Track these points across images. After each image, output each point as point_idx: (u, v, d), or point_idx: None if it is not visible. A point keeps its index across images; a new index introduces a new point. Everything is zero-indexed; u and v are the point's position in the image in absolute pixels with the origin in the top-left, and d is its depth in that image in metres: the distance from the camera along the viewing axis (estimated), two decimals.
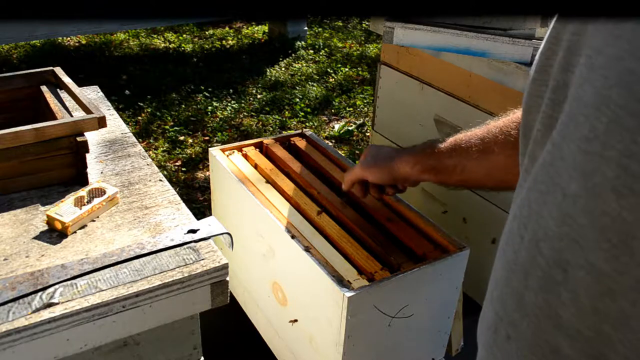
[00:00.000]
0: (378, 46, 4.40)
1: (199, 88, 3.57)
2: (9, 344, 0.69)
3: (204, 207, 2.45)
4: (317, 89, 3.69)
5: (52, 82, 1.18)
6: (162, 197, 0.98)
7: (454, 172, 0.98)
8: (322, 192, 1.27)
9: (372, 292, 1.01)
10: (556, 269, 0.50)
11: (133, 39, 4.39)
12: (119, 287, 0.76)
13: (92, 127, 0.97)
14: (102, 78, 3.53)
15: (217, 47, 4.37)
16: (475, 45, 1.58)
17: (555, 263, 0.50)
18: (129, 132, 1.19)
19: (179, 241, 0.85)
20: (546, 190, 0.51)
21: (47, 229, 0.88)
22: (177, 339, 0.88)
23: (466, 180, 0.98)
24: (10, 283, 0.75)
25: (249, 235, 1.30)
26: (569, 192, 0.48)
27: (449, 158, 0.97)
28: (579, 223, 0.47)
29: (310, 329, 1.14)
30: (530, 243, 0.53)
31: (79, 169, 0.99)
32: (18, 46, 4.11)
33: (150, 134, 3.07)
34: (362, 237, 1.14)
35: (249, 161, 1.40)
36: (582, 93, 0.47)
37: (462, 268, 1.15)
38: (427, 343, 1.22)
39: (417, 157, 1.03)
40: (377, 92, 1.92)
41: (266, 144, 1.46)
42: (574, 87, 0.49)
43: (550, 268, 0.50)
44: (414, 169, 1.03)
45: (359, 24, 5.00)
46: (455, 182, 1.00)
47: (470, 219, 1.67)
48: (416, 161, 1.03)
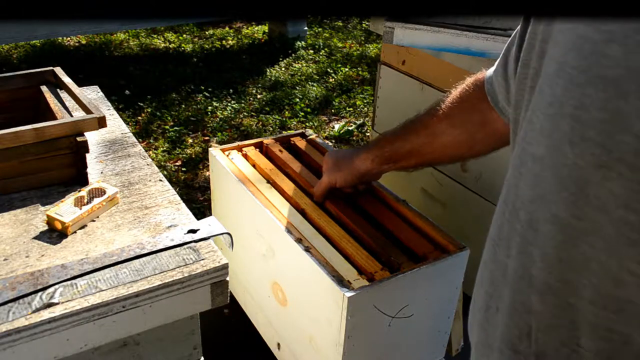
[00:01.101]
0: (378, 46, 4.39)
1: (199, 88, 3.57)
2: (9, 344, 0.69)
3: (204, 207, 2.45)
4: (317, 89, 3.69)
5: (52, 82, 1.17)
6: (162, 197, 0.98)
7: (411, 157, 1.03)
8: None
9: (372, 292, 1.01)
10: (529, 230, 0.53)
11: (133, 39, 4.39)
12: (119, 287, 0.76)
13: (92, 127, 0.97)
14: (102, 78, 3.53)
15: (217, 47, 4.37)
16: (475, 45, 1.58)
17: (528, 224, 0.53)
18: (129, 132, 1.19)
19: (179, 241, 0.85)
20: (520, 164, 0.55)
21: (47, 229, 0.88)
22: (177, 339, 0.88)
23: (424, 161, 1.04)
24: (10, 283, 0.75)
25: (249, 235, 1.30)
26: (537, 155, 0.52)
27: (402, 146, 1.03)
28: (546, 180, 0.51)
29: (310, 329, 1.14)
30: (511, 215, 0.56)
31: (79, 169, 0.99)
32: (18, 46, 4.11)
33: (150, 134, 3.07)
34: (362, 237, 1.14)
35: (248, 161, 1.40)
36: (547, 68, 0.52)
37: (462, 268, 1.15)
38: (427, 343, 1.22)
39: (373, 152, 1.08)
40: (377, 92, 1.92)
41: (266, 144, 1.46)
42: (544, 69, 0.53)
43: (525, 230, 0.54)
44: (373, 164, 1.09)
45: (359, 24, 4.99)
46: (414, 165, 1.05)
47: (470, 219, 1.67)
48: (374, 156, 1.08)
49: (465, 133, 0.93)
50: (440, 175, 1.75)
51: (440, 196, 1.76)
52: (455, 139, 0.95)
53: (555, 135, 0.49)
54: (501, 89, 0.78)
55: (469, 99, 0.90)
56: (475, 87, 0.89)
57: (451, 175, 1.71)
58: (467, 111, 0.91)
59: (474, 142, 0.94)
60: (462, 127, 0.93)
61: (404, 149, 1.03)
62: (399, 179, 1.90)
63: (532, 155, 0.53)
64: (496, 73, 0.79)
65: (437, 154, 1.00)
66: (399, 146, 1.03)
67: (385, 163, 1.08)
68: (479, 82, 0.88)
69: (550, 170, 0.50)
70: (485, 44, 1.58)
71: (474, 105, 0.88)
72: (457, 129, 0.94)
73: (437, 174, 1.76)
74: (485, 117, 0.86)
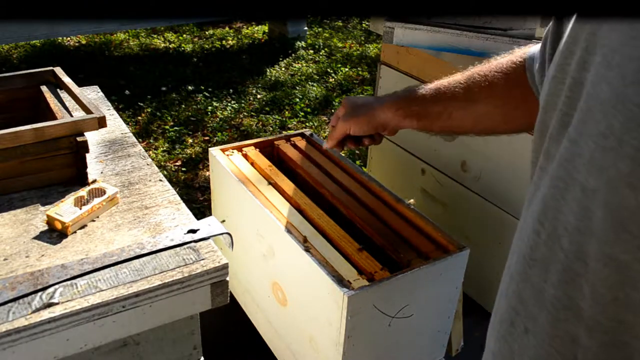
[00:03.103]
0: (378, 46, 4.39)
1: (199, 88, 3.57)
2: (9, 344, 0.69)
3: (204, 207, 2.45)
4: (317, 89, 3.69)
5: (52, 82, 1.17)
6: (162, 197, 0.98)
7: (439, 119, 0.96)
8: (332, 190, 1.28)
9: (372, 292, 1.01)
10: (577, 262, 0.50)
11: (133, 39, 4.39)
12: (119, 287, 0.76)
13: (92, 127, 0.97)
14: (102, 78, 3.53)
15: (217, 47, 4.37)
16: (476, 45, 1.58)
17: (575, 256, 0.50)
18: (129, 132, 1.19)
19: (179, 241, 0.85)
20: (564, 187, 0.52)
21: (47, 229, 0.88)
22: (177, 339, 0.88)
23: (451, 127, 0.97)
24: (10, 283, 0.75)
25: (249, 235, 1.30)
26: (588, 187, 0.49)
27: (434, 104, 0.95)
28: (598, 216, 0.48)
29: (310, 329, 1.14)
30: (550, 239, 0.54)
31: (79, 169, 0.99)
32: (18, 46, 4.11)
33: (150, 134, 3.07)
34: (370, 233, 1.15)
35: (248, 160, 1.40)
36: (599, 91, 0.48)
37: (462, 268, 1.15)
38: (427, 343, 1.22)
39: (399, 103, 1.00)
40: (377, 92, 1.92)
41: (277, 144, 1.47)
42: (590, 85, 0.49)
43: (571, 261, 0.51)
44: (396, 114, 1.00)
45: (359, 24, 4.99)
46: (439, 129, 0.98)
47: (470, 219, 1.67)
48: (399, 106, 0.99)
49: (505, 106, 0.89)
50: (440, 175, 1.75)
51: (440, 196, 1.76)
52: (492, 111, 0.90)
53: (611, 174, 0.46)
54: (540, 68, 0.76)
55: (514, 73, 0.86)
56: (517, 64, 0.86)
57: (451, 175, 1.71)
58: (510, 84, 0.86)
59: (510, 117, 0.90)
60: (503, 99, 0.89)
61: (434, 109, 0.95)
62: (399, 179, 1.90)
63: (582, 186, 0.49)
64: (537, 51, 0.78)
65: (468, 121, 0.94)
66: (429, 104, 0.96)
67: (409, 117, 0.99)
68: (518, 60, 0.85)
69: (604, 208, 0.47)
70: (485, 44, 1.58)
71: (518, 80, 0.84)
72: (498, 99, 0.89)
73: (437, 174, 1.76)
74: (526, 95, 0.82)
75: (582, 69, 0.51)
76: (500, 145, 1.52)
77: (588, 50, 0.50)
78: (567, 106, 0.53)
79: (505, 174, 1.54)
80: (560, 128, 0.54)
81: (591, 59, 0.50)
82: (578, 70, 0.52)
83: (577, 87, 0.52)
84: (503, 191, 1.56)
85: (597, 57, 0.49)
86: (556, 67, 0.56)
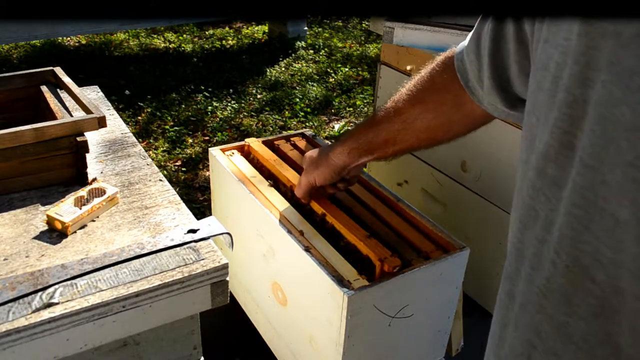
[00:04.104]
0: (378, 46, 4.39)
1: (199, 88, 3.57)
2: (9, 344, 0.69)
3: (204, 207, 2.45)
4: (317, 89, 3.69)
5: (52, 82, 1.17)
6: (162, 197, 0.98)
7: (387, 146, 0.98)
8: None
9: (372, 292, 1.01)
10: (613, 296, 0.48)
11: (133, 39, 4.39)
12: (119, 287, 0.76)
13: (92, 127, 0.97)
14: (102, 78, 3.53)
15: (217, 47, 4.37)
16: None
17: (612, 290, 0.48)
18: (129, 132, 1.19)
19: (179, 241, 0.85)
20: (585, 215, 0.49)
21: (47, 229, 0.88)
22: (177, 339, 0.88)
23: (401, 149, 0.99)
24: (10, 283, 0.75)
25: (249, 235, 1.30)
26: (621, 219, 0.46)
27: (376, 136, 0.98)
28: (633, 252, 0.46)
29: (310, 329, 1.14)
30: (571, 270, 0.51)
31: (79, 169, 0.99)
32: (18, 46, 4.11)
33: (150, 134, 3.07)
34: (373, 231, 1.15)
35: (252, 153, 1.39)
36: (619, 115, 0.45)
37: (462, 268, 1.15)
38: (427, 343, 1.22)
39: (348, 145, 1.04)
40: (377, 92, 1.92)
41: (277, 144, 1.47)
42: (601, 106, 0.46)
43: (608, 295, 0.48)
44: (350, 157, 1.05)
45: (359, 24, 4.99)
46: (391, 154, 1.01)
47: (470, 219, 1.67)
48: (349, 149, 1.04)
49: (441, 116, 0.88)
50: (440, 175, 1.75)
51: (440, 196, 1.76)
52: (430, 123, 0.90)
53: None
54: (473, 67, 0.74)
55: (441, 79, 0.84)
56: (446, 66, 0.83)
57: (451, 175, 1.71)
58: (439, 92, 0.85)
59: (450, 125, 0.89)
60: (436, 110, 0.88)
61: (379, 139, 0.98)
62: (399, 179, 1.90)
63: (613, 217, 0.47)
64: (467, 50, 0.75)
65: (412, 140, 0.95)
66: (373, 136, 0.99)
67: (362, 155, 1.03)
68: (448, 61, 0.83)
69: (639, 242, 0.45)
70: None
71: (446, 85, 0.83)
72: (431, 112, 0.89)
73: (437, 174, 1.76)
74: (459, 97, 0.81)
75: (583, 85, 0.48)
76: (500, 145, 1.52)
77: (589, 65, 0.47)
78: (566, 123, 0.50)
79: (505, 174, 1.54)
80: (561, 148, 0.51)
81: (595, 75, 0.47)
82: (578, 86, 0.48)
83: (579, 105, 0.48)
84: (503, 191, 1.56)
85: (604, 74, 0.46)
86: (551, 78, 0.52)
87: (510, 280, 0.60)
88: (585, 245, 0.49)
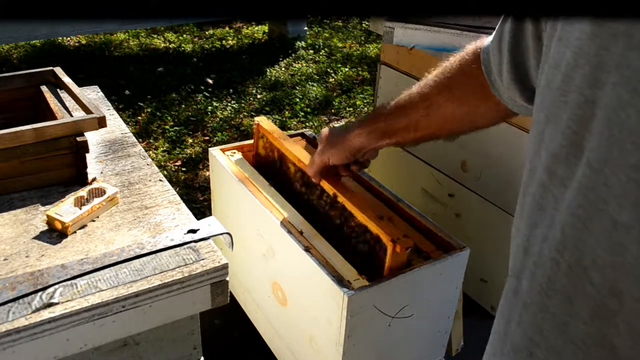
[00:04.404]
0: (378, 46, 4.39)
1: (199, 88, 3.57)
2: (9, 344, 0.69)
3: (204, 207, 2.45)
4: (317, 89, 3.69)
5: (52, 82, 1.17)
6: (162, 197, 0.98)
7: (408, 132, 0.96)
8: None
9: (372, 292, 1.01)
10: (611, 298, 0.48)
11: (133, 39, 4.39)
12: (119, 287, 0.76)
13: (92, 127, 0.97)
14: (102, 78, 3.53)
15: (217, 47, 4.37)
16: None
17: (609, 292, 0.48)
18: (129, 132, 1.19)
19: (179, 241, 0.85)
20: (586, 216, 0.49)
21: (47, 229, 0.88)
22: (177, 339, 0.88)
23: (422, 136, 0.97)
24: (10, 283, 0.75)
25: (249, 235, 1.30)
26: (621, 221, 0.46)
27: (399, 120, 0.96)
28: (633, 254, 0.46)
29: (310, 329, 1.14)
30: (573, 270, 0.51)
31: (79, 169, 0.99)
32: (18, 46, 4.11)
33: (150, 134, 3.07)
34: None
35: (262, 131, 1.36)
36: (625, 118, 0.45)
37: (462, 268, 1.15)
38: (427, 343, 1.22)
39: (368, 127, 1.02)
40: (377, 92, 1.92)
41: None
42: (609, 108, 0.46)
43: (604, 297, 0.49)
44: (368, 139, 1.02)
45: (359, 24, 4.99)
46: (411, 141, 0.99)
47: (470, 218, 1.67)
48: (369, 130, 1.01)
49: (466, 106, 0.87)
50: (440, 175, 1.75)
51: (440, 196, 1.76)
52: (454, 112, 0.88)
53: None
54: (495, 61, 0.74)
55: (470, 68, 0.83)
56: (475, 57, 0.82)
57: (451, 175, 1.71)
58: (467, 82, 0.84)
59: (475, 115, 0.87)
60: (463, 99, 0.86)
61: (401, 124, 0.96)
62: (399, 178, 1.90)
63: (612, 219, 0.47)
64: (492, 44, 0.75)
65: (434, 128, 0.93)
66: (395, 120, 0.96)
67: (381, 138, 1.01)
68: (472, 56, 0.83)
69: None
70: None
71: (474, 76, 0.81)
72: (457, 101, 0.87)
73: (437, 174, 1.76)
74: (486, 89, 0.80)
75: (593, 86, 0.48)
76: (500, 145, 1.52)
77: (600, 66, 0.47)
78: (576, 124, 0.50)
79: (505, 174, 1.54)
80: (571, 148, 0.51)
81: (604, 77, 0.46)
82: (588, 87, 0.48)
83: (588, 105, 0.48)
84: (503, 191, 1.56)
85: (614, 76, 0.46)
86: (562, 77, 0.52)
87: (516, 277, 0.60)
88: (585, 247, 0.49)
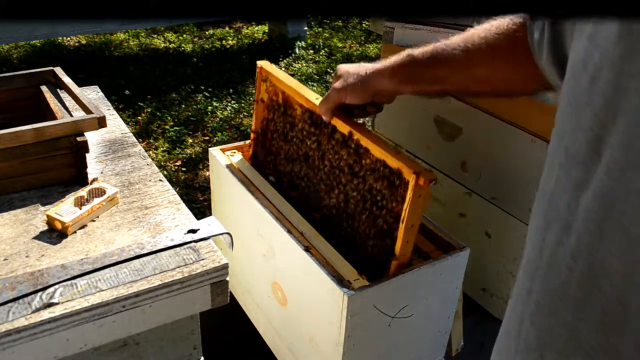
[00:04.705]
0: (378, 46, 4.39)
1: (199, 88, 3.57)
2: (9, 344, 0.69)
3: (204, 207, 2.45)
4: (317, 89, 3.69)
5: (52, 82, 1.17)
6: (162, 197, 0.98)
7: (436, 83, 0.93)
8: None
9: (372, 292, 1.01)
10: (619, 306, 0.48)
11: (133, 39, 4.39)
12: (119, 287, 0.76)
13: (92, 127, 0.97)
14: (102, 78, 3.53)
15: (217, 47, 4.37)
16: None
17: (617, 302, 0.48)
18: (129, 132, 1.19)
19: (179, 241, 0.85)
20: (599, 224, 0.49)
21: (47, 229, 0.88)
22: (177, 339, 0.88)
23: (448, 90, 0.94)
24: (10, 283, 0.75)
25: (249, 235, 1.30)
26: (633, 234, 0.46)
27: (429, 69, 0.92)
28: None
29: (310, 329, 1.14)
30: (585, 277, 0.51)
31: (79, 169, 0.99)
32: (18, 46, 4.11)
33: (150, 134, 3.07)
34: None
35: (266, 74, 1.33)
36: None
37: (462, 268, 1.15)
38: (427, 343, 1.22)
39: (394, 69, 0.96)
40: None
41: None
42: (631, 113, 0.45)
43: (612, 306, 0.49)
44: (392, 81, 0.96)
45: (359, 24, 4.99)
46: (434, 92, 0.96)
47: (470, 219, 1.67)
48: (394, 72, 0.96)
49: (506, 68, 0.84)
50: (440, 175, 1.75)
51: (440, 196, 1.76)
52: (493, 73, 0.86)
53: None
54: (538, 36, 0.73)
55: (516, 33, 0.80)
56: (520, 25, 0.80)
57: (451, 175, 1.71)
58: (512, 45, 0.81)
59: (510, 80, 0.85)
60: (505, 61, 0.84)
61: (431, 74, 0.91)
62: None
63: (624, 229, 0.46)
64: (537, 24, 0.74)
65: (466, 85, 0.90)
66: (425, 69, 0.92)
67: (405, 83, 0.95)
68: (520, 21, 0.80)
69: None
70: None
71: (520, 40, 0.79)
72: (500, 62, 0.84)
73: (437, 174, 1.76)
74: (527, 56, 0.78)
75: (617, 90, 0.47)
76: (500, 145, 1.52)
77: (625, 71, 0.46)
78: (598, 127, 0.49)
79: (505, 174, 1.54)
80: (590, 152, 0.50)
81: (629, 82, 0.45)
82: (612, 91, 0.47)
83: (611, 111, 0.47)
84: (503, 191, 1.56)
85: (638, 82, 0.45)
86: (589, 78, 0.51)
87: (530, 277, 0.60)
88: (597, 254, 0.49)
